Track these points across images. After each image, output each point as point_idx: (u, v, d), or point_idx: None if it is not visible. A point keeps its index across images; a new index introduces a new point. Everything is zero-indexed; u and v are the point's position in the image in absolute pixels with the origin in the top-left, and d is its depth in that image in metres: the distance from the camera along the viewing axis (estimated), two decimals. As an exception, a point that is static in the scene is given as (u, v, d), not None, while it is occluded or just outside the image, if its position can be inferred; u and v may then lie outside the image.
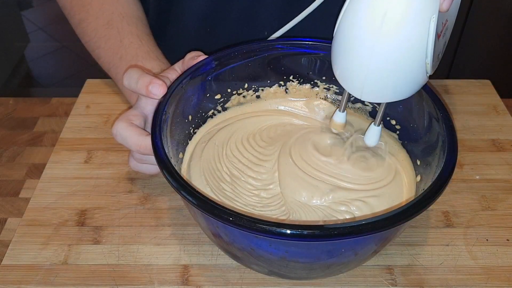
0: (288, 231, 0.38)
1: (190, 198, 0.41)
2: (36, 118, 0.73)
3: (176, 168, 0.44)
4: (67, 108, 0.74)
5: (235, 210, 0.39)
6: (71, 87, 2.01)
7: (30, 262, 0.51)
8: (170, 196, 0.58)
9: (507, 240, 0.54)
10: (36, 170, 0.65)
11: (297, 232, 0.38)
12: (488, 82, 0.76)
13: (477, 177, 0.61)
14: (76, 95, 0.73)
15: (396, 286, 0.49)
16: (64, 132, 0.67)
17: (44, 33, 2.46)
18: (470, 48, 1.62)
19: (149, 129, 0.53)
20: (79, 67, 2.24)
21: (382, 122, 0.54)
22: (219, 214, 0.39)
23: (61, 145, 0.65)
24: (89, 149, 0.65)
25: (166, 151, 0.46)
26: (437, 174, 0.44)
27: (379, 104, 0.56)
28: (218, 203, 0.40)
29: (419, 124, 0.55)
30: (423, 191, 0.43)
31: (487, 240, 0.54)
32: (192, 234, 0.54)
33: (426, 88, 0.51)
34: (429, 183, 0.45)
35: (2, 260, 0.52)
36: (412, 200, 0.41)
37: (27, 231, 0.54)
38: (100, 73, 0.70)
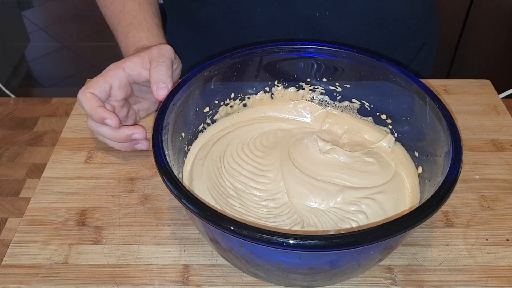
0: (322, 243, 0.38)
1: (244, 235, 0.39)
2: (36, 118, 0.73)
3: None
4: (68, 108, 0.74)
5: (264, 227, 0.39)
6: (72, 87, 2.00)
7: (31, 262, 0.51)
8: (170, 196, 0.58)
9: (507, 240, 0.54)
10: (37, 170, 0.65)
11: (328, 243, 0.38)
12: (488, 82, 0.76)
13: (477, 177, 0.61)
14: (76, 95, 0.73)
15: (396, 285, 0.49)
16: (65, 132, 0.67)
17: (45, 33, 2.46)
18: (470, 48, 1.62)
19: (114, 93, 0.60)
20: (79, 67, 2.24)
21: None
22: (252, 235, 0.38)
23: (62, 145, 0.65)
24: (89, 149, 0.65)
25: (178, 176, 0.45)
26: (442, 179, 0.44)
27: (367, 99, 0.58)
28: (252, 224, 0.39)
29: (416, 119, 0.55)
30: (428, 193, 0.43)
31: (487, 240, 0.54)
32: (192, 234, 0.54)
33: (429, 92, 0.52)
34: (435, 175, 0.46)
35: (2, 260, 0.52)
36: (418, 206, 0.41)
37: (27, 231, 0.54)
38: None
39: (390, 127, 0.59)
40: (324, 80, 0.61)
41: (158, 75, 0.58)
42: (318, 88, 0.62)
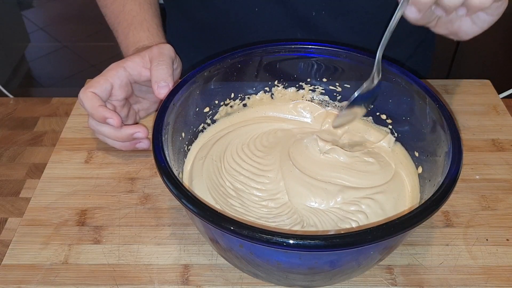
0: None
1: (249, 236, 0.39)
2: (36, 118, 0.73)
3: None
4: (68, 108, 0.74)
5: (264, 227, 0.39)
6: (72, 87, 2.01)
7: (31, 262, 0.51)
8: (170, 196, 0.58)
9: (507, 240, 0.54)
10: (37, 170, 0.65)
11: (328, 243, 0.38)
12: (488, 82, 0.76)
13: (477, 177, 0.61)
14: (77, 95, 0.73)
15: (396, 286, 0.49)
16: (65, 132, 0.67)
17: (45, 33, 2.47)
18: (470, 48, 1.62)
19: (115, 93, 0.60)
20: (79, 67, 2.25)
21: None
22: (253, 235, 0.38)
23: (62, 145, 0.65)
24: (89, 149, 0.65)
25: (178, 176, 0.45)
26: (442, 179, 0.44)
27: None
28: (252, 224, 0.39)
29: (416, 119, 0.55)
30: (428, 193, 0.43)
31: (487, 240, 0.54)
32: (192, 234, 0.54)
33: (429, 92, 0.52)
34: (435, 175, 0.46)
35: (2, 260, 0.52)
36: (418, 207, 0.41)
37: (27, 231, 0.55)
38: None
39: (390, 127, 0.59)
40: (324, 80, 0.61)
41: (159, 74, 0.58)
42: (318, 88, 0.62)
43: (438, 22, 0.50)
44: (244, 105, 0.63)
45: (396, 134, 0.59)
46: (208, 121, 0.60)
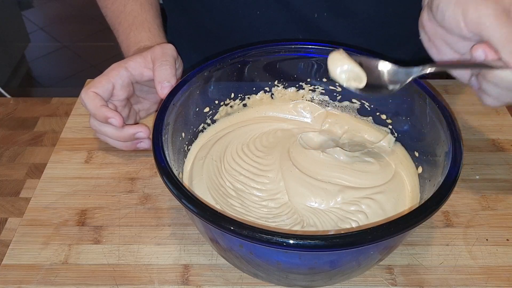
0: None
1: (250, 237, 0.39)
2: (36, 118, 0.73)
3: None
4: (68, 108, 0.74)
5: (263, 226, 0.39)
6: (72, 87, 2.01)
7: (31, 262, 0.51)
8: (170, 196, 0.58)
9: (507, 240, 0.54)
10: (37, 170, 0.65)
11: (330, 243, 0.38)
12: (488, 82, 0.76)
13: (477, 177, 0.61)
14: (77, 95, 0.73)
15: (396, 285, 0.49)
16: (65, 132, 0.67)
17: (45, 33, 2.47)
18: (470, 48, 1.61)
19: (116, 93, 0.60)
20: (79, 67, 2.25)
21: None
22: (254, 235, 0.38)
23: (62, 145, 0.65)
24: (89, 149, 0.65)
25: (178, 176, 0.45)
26: (442, 179, 0.44)
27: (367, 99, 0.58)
28: (252, 224, 0.39)
29: (416, 119, 0.55)
30: (428, 193, 0.43)
31: (487, 240, 0.54)
32: (192, 234, 0.54)
33: (429, 92, 0.52)
34: (435, 175, 0.46)
35: (2, 260, 0.52)
36: (418, 206, 0.41)
37: (27, 231, 0.55)
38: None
39: (390, 127, 0.59)
40: (324, 80, 0.61)
41: (163, 74, 0.58)
42: (318, 88, 0.62)
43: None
44: (244, 105, 0.63)
45: (396, 134, 0.59)
46: (208, 121, 0.60)
